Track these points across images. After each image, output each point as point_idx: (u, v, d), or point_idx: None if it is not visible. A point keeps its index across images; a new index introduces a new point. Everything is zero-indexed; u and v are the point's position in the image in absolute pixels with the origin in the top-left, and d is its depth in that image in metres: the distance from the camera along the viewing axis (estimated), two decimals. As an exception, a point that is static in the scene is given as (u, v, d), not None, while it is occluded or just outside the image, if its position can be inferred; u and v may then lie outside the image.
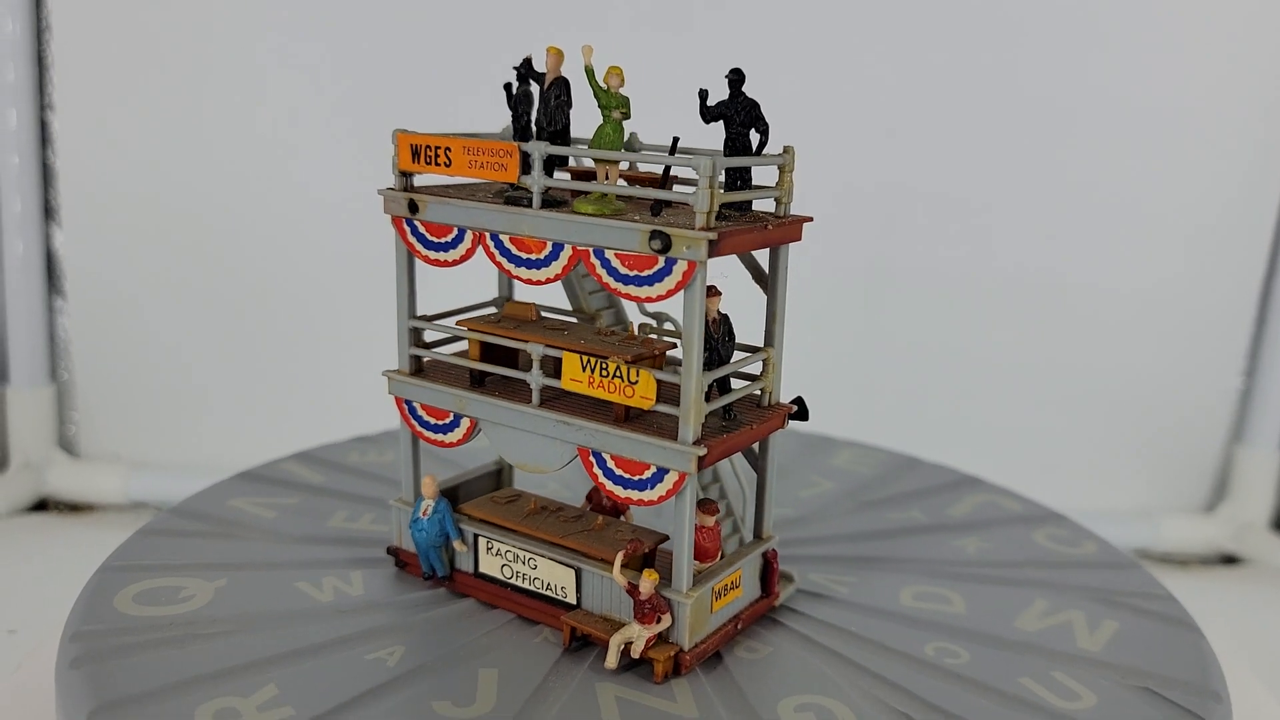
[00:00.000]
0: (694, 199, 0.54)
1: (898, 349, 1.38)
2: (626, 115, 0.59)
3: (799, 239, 0.61)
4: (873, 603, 0.71)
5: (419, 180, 0.67)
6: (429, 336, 0.71)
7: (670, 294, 0.56)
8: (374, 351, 1.36)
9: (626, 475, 0.59)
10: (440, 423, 0.68)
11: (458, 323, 0.68)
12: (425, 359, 0.70)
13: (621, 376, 0.58)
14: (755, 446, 0.66)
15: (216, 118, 1.32)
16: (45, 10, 1.30)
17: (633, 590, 0.59)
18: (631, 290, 0.57)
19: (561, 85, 0.60)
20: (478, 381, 0.67)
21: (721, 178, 0.56)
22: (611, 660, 0.59)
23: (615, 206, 0.59)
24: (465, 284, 0.77)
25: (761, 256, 0.64)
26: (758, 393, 0.64)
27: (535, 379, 0.62)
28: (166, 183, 1.34)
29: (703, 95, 0.59)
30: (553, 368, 0.63)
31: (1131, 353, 1.37)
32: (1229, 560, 1.39)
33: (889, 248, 1.35)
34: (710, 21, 1.28)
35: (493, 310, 0.73)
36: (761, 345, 0.64)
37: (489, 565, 0.68)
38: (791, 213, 0.62)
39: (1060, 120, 1.31)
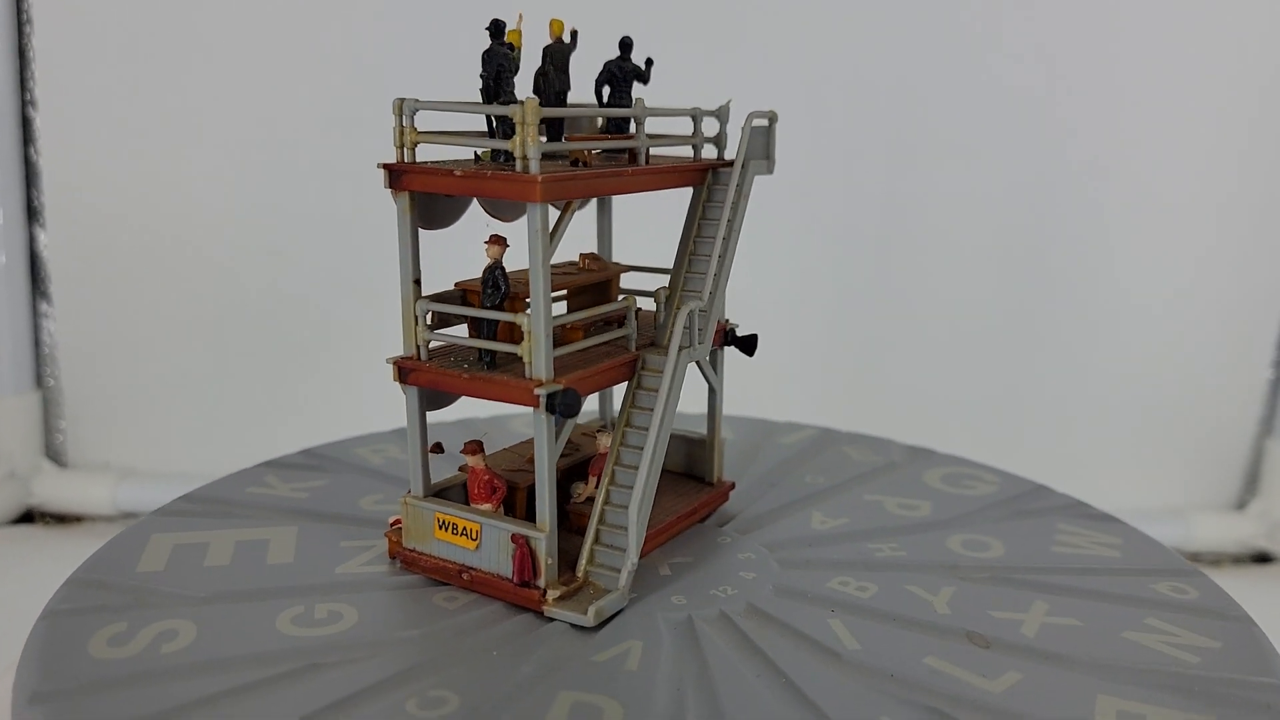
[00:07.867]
0: None
1: (926, 346, 1.34)
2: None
3: (534, 199, 0.56)
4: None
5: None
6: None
7: None
8: (366, 358, 1.32)
9: None
10: None
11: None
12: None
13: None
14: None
15: (205, 113, 1.27)
16: (26, 3, 1.25)
17: None
18: None
19: (544, 54, 0.65)
20: None
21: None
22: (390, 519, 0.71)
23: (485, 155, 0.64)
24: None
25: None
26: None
27: None
28: (154, 183, 1.29)
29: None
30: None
31: (1160, 347, 1.33)
32: (1262, 559, 1.34)
33: (922, 248, 1.32)
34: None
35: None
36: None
37: None
38: (532, 171, 0.57)
39: (1092, 121, 1.28)
